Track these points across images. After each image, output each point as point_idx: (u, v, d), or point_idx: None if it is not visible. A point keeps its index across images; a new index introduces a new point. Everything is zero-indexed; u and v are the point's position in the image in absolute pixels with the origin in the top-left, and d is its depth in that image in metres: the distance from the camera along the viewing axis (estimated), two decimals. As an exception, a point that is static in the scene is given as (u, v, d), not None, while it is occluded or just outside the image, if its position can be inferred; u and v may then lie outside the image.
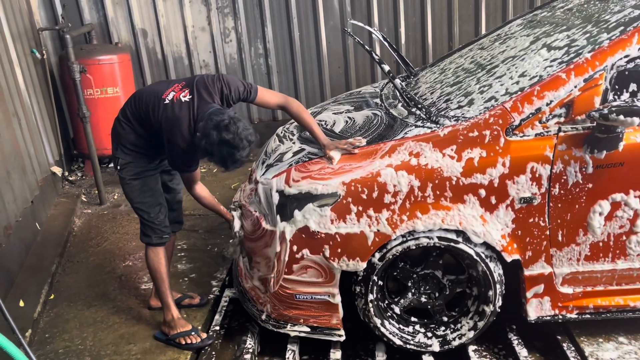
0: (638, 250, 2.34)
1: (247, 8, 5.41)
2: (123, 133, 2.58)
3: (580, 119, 2.23)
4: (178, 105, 2.42)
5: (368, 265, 2.38)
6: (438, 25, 5.44)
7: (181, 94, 2.45)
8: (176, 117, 2.40)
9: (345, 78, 5.60)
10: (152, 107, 2.47)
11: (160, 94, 2.49)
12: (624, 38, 2.24)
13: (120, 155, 2.61)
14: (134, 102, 2.57)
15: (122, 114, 2.61)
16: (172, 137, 2.40)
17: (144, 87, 2.70)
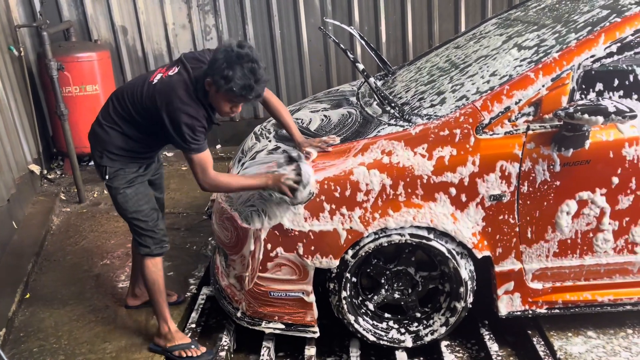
0: (605, 247, 2.39)
1: (228, 6, 5.40)
2: (108, 138, 2.39)
3: (548, 117, 2.27)
4: (168, 79, 2.26)
5: (341, 262, 2.40)
6: (418, 23, 5.48)
7: (169, 72, 2.30)
8: (170, 86, 2.22)
9: (327, 76, 5.61)
10: (140, 95, 2.30)
11: (146, 80, 2.33)
12: (590, 38, 2.28)
13: (107, 162, 2.42)
14: (118, 101, 2.40)
15: (103, 117, 2.43)
16: (169, 107, 2.19)
17: (123, 85, 2.53)
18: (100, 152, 2.43)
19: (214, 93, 2.20)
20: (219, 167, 5.30)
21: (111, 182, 2.46)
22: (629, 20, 2.26)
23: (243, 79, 2.10)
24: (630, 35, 2.24)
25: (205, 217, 4.18)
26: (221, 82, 2.11)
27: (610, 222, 2.35)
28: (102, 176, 2.47)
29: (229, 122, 5.71)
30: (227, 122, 5.72)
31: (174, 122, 2.19)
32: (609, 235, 2.37)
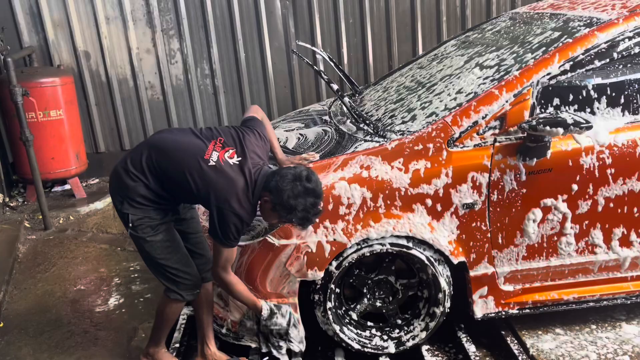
0: (568, 249, 2.58)
1: (193, 30, 5.48)
2: (132, 185, 2.25)
3: (513, 130, 2.46)
4: (228, 168, 2.20)
5: (325, 273, 2.50)
6: (378, 45, 5.70)
7: (225, 154, 2.24)
8: (230, 183, 2.18)
9: (292, 97, 5.75)
10: (191, 168, 2.19)
11: (200, 153, 2.22)
12: (546, 57, 2.50)
13: (129, 210, 2.27)
14: (156, 154, 2.25)
15: (133, 164, 2.27)
16: (225, 204, 2.16)
17: (164, 137, 2.33)
18: (121, 198, 2.28)
19: (269, 209, 2.23)
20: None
21: (135, 231, 2.30)
22: (580, 41, 2.49)
23: (303, 212, 2.16)
24: (581, 54, 2.46)
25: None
26: (282, 210, 2.17)
27: (572, 227, 2.54)
28: (125, 224, 2.31)
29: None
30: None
31: (224, 219, 2.18)
32: (571, 238, 2.56)
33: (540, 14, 3.09)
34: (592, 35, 2.49)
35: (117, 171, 2.32)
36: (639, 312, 2.80)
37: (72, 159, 5.05)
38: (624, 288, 2.65)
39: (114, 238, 4.31)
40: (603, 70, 2.50)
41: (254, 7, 5.46)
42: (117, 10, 5.36)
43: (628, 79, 2.50)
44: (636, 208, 2.52)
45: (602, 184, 2.47)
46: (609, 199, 2.49)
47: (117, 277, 3.66)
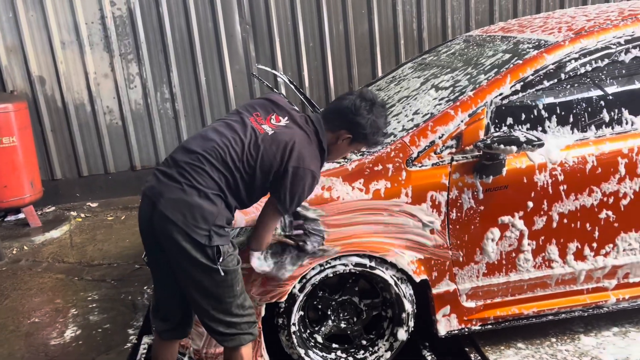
0: (526, 265, 2.63)
1: (152, 54, 5.44)
2: (216, 211, 2.01)
3: (469, 149, 2.51)
4: (284, 129, 2.11)
5: (289, 296, 2.47)
6: (338, 68, 5.78)
7: (271, 121, 2.14)
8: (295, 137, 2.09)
9: (253, 120, 5.74)
10: (260, 148, 2.05)
11: (254, 133, 2.08)
12: (498, 78, 2.58)
13: (219, 241, 2.02)
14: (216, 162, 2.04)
15: (206, 184, 2.01)
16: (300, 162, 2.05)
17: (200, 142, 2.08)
18: (206, 230, 1.99)
19: (345, 145, 2.21)
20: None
21: (226, 266, 2.04)
22: (529, 62, 2.59)
23: (384, 127, 2.23)
24: (531, 75, 2.56)
25: (137, 266, 4.09)
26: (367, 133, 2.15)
27: (529, 243, 2.60)
28: (212, 261, 2.01)
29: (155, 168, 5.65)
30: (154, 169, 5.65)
31: (299, 181, 2.06)
32: (528, 255, 2.62)
33: (492, 37, 3.20)
34: (541, 56, 2.59)
35: (186, 200, 1.99)
36: (596, 324, 2.87)
37: (26, 187, 4.89)
38: (580, 301, 2.72)
39: (71, 267, 4.18)
40: (552, 90, 2.59)
41: (214, 30, 5.48)
42: (73, 35, 5.29)
43: (576, 98, 2.60)
44: (588, 223, 2.59)
45: (556, 200, 2.54)
46: (562, 214, 2.57)
47: (74, 307, 3.54)
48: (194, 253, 2.00)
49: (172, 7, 5.37)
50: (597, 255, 2.64)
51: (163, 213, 1.98)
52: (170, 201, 1.99)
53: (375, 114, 2.17)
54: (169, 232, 1.99)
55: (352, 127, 2.16)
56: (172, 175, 2.04)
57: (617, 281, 2.71)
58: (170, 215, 1.98)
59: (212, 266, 2.01)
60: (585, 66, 2.58)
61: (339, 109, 2.19)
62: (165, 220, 1.99)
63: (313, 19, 5.61)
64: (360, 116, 2.14)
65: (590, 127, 2.59)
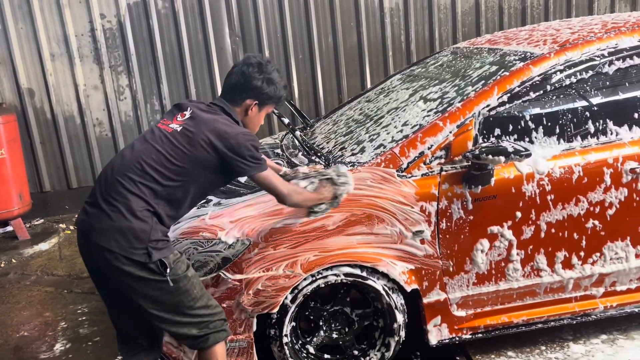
0: (515, 275, 2.66)
1: (142, 66, 5.46)
2: (147, 228, 2.03)
3: (458, 159, 2.55)
4: (191, 120, 2.12)
5: (281, 307, 2.48)
6: (327, 79, 5.83)
7: (177, 118, 2.16)
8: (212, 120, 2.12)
9: (243, 131, 5.75)
10: (172, 150, 2.07)
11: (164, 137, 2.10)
12: (486, 89, 2.62)
13: (159, 254, 2.03)
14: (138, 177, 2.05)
15: (136, 204, 2.02)
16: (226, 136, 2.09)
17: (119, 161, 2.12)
18: (143, 249, 2.01)
19: (255, 112, 2.27)
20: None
21: (176, 274, 2.06)
22: (516, 74, 2.63)
23: (282, 80, 2.28)
24: (518, 86, 2.60)
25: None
26: (268, 92, 2.22)
27: (517, 252, 2.62)
28: (161, 274, 2.03)
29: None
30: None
31: (239, 147, 2.09)
32: (517, 264, 2.64)
33: (479, 49, 3.26)
34: (527, 68, 2.64)
35: (116, 226, 2.01)
36: (584, 331, 2.90)
37: (14, 200, 4.86)
38: (569, 309, 2.75)
39: (60, 280, 4.15)
40: (539, 101, 2.64)
41: (204, 43, 5.51)
42: (63, 47, 5.29)
43: (562, 109, 2.65)
44: (575, 232, 2.63)
45: (544, 210, 2.58)
46: (550, 224, 2.60)
47: (64, 320, 3.51)
48: (139, 273, 2.03)
49: (162, 20, 5.40)
50: (585, 264, 2.68)
51: (98, 244, 2.03)
52: (101, 231, 2.03)
53: (266, 71, 2.22)
54: (108, 260, 2.02)
55: (252, 93, 2.23)
56: (97, 204, 2.07)
57: (604, 289, 2.75)
58: (105, 245, 2.01)
59: (161, 279, 2.04)
60: (570, 78, 2.64)
61: (232, 84, 2.25)
62: (101, 250, 2.02)
63: (302, 32, 5.66)
64: (254, 79, 2.20)
65: (576, 138, 2.64)
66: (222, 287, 2.44)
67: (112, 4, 5.28)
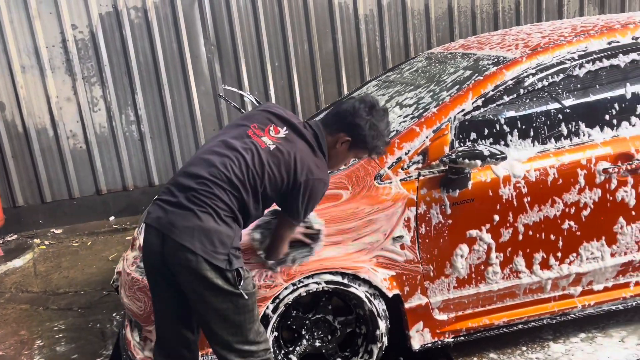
0: (495, 278, 2.68)
1: (115, 77, 5.39)
2: (233, 232, 1.99)
3: (435, 164, 2.56)
4: (286, 141, 2.08)
5: (262, 318, 2.45)
6: (304, 86, 5.83)
7: (270, 133, 2.09)
8: (297, 149, 2.06)
9: (221, 140, 5.72)
10: (266, 165, 2.01)
11: (256, 148, 2.03)
12: (461, 94, 2.65)
13: (237, 263, 1.99)
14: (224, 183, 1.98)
15: (219, 206, 1.96)
16: (309, 174, 2.04)
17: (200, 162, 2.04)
18: (225, 254, 1.95)
19: (343, 150, 2.18)
20: (114, 239, 5.14)
21: (246, 289, 2.01)
22: (489, 78, 2.67)
23: (386, 136, 2.20)
24: (491, 90, 2.63)
25: (105, 292, 4.00)
26: (368, 140, 2.13)
27: (497, 256, 2.65)
28: (233, 284, 1.97)
29: (122, 192, 5.58)
30: (120, 192, 5.59)
31: (312, 191, 2.06)
32: (497, 267, 2.66)
33: (453, 54, 3.29)
34: (500, 72, 2.68)
35: (204, 227, 1.93)
36: (564, 330, 2.94)
37: (-14, 215, 4.74)
38: (548, 309, 2.78)
39: (36, 297, 4.05)
40: (513, 105, 2.67)
41: (179, 52, 5.46)
42: (34, 59, 5.20)
43: (535, 112, 2.69)
44: (552, 233, 2.67)
45: (521, 212, 2.61)
46: (527, 225, 2.63)
47: (40, 338, 3.43)
48: (215, 280, 1.95)
49: (135, 30, 5.34)
50: (562, 264, 2.72)
51: (179, 243, 1.93)
52: (186, 229, 1.93)
53: (375, 117, 2.14)
54: (186, 262, 1.93)
55: (350, 129, 2.14)
56: (180, 203, 1.97)
57: (582, 288, 2.79)
58: (187, 244, 1.92)
59: (234, 291, 1.97)
60: (542, 81, 2.68)
61: (338, 112, 2.19)
62: (181, 250, 1.93)
63: (278, 39, 5.66)
64: (359, 117, 2.12)
65: (550, 140, 2.68)
66: (202, 299, 2.41)
67: (83, 14, 5.21)
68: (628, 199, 2.69)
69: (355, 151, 2.22)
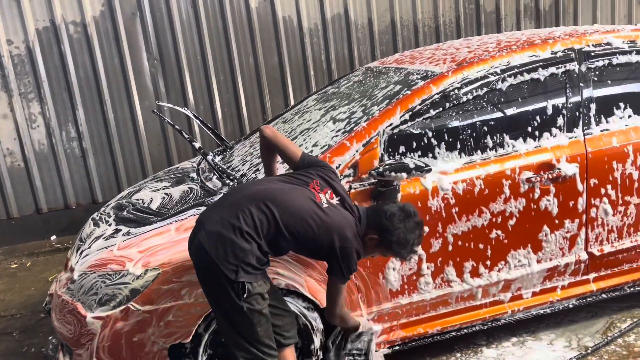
0: (427, 288, 2.74)
1: (55, 92, 5.26)
2: (248, 248, 2.08)
3: (365, 177, 2.61)
4: (337, 207, 2.24)
5: (194, 336, 2.43)
6: (251, 99, 5.83)
7: (326, 195, 2.25)
8: (345, 218, 2.22)
9: (167, 154, 5.66)
10: (311, 214, 2.16)
11: (312, 197, 2.21)
12: (389, 108, 2.71)
13: (245, 277, 2.08)
14: (272, 207, 2.13)
15: (246, 223, 2.10)
16: (348, 243, 2.19)
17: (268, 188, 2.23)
18: (235, 264, 2.07)
19: (373, 245, 2.30)
20: (56, 259, 4.99)
21: (250, 303, 2.10)
22: (417, 93, 2.74)
23: (414, 246, 2.31)
24: (419, 104, 2.71)
25: (43, 315, 3.88)
26: (395, 247, 2.26)
27: (428, 266, 2.71)
28: (237, 295, 2.09)
29: (63, 210, 5.44)
30: (62, 210, 5.44)
31: (348, 257, 2.20)
32: (429, 278, 2.73)
33: (387, 68, 3.37)
34: (427, 87, 2.76)
35: (222, 234, 2.09)
36: (497, 335, 3.02)
37: None
38: (480, 315, 2.86)
39: (-32, 323, 3.88)
40: (440, 118, 2.75)
41: (121, 67, 5.38)
42: (-33, 75, 5.03)
43: (461, 125, 2.78)
44: (481, 242, 2.75)
45: (449, 222, 2.69)
46: (456, 235, 2.71)
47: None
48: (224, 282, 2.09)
49: (74, 45, 5.23)
50: (492, 272, 2.80)
51: (200, 243, 2.11)
52: (209, 233, 2.11)
53: (408, 227, 2.26)
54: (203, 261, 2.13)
55: (381, 230, 2.26)
56: (218, 210, 2.19)
57: (511, 294, 2.88)
58: (205, 246, 2.10)
59: (236, 301, 2.08)
60: (467, 95, 2.77)
61: (378, 210, 2.32)
62: (201, 250, 2.12)
63: (223, 53, 5.65)
64: (391, 223, 2.24)
65: (476, 151, 2.77)
66: (131, 320, 2.37)
67: (19, 29, 5.07)
68: (551, 207, 2.80)
69: (381, 250, 2.34)
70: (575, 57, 2.92)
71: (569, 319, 3.12)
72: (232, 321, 2.15)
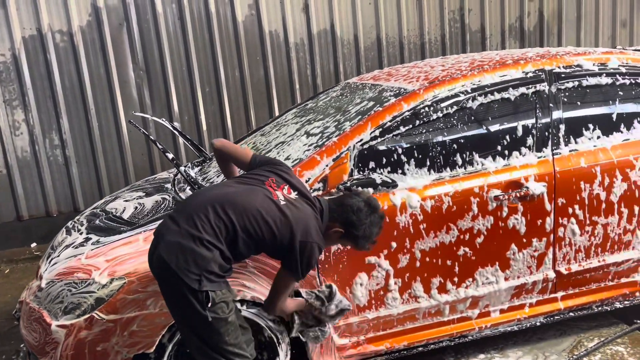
0: (394, 303, 2.76)
1: (39, 100, 5.28)
2: (210, 256, 2.07)
3: (334, 191, 2.64)
4: (296, 202, 2.25)
5: (158, 346, 2.43)
6: (236, 111, 5.87)
7: (283, 190, 2.27)
8: (305, 213, 2.23)
9: (150, 164, 5.67)
10: (269, 212, 2.16)
11: (269, 195, 2.21)
12: (361, 124, 2.75)
13: (208, 286, 2.07)
14: (229, 211, 2.13)
15: (205, 230, 2.09)
16: (308, 237, 2.19)
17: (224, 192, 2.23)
18: (197, 274, 2.06)
19: (335, 237, 2.33)
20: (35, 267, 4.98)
21: (215, 312, 2.09)
22: (388, 109, 2.78)
23: (375, 236, 2.36)
24: (389, 121, 2.75)
25: (16, 322, 3.85)
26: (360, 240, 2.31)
27: (395, 282, 2.73)
28: (202, 305, 2.07)
29: (44, 217, 5.43)
30: (43, 218, 5.43)
31: (307, 253, 2.20)
32: (396, 293, 2.75)
33: (364, 85, 3.41)
34: (398, 104, 2.80)
35: (181, 244, 2.07)
36: (465, 352, 3.04)
37: None
38: (447, 331, 2.87)
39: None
40: (410, 135, 2.79)
41: (106, 77, 5.41)
42: (-48, 81, 5.04)
43: (431, 142, 2.81)
44: (448, 258, 2.78)
45: (417, 238, 2.71)
46: (424, 251, 2.73)
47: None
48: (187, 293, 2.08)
49: (60, 54, 5.26)
50: (459, 288, 2.83)
51: (160, 255, 2.10)
52: (168, 244, 2.09)
53: (373, 221, 2.32)
54: (164, 273, 2.11)
55: (347, 224, 2.30)
56: (176, 219, 2.15)
57: (479, 311, 2.90)
58: (165, 258, 2.08)
59: (201, 311, 2.07)
60: (438, 112, 2.81)
61: (342, 203, 2.34)
62: (161, 261, 2.09)
63: (208, 65, 5.70)
64: (358, 218, 2.29)
65: (445, 169, 2.80)
66: (95, 329, 2.38)
67: (6, 37, 5.10)
68: (519, 225, 2.84)
69: (343, 242, 2.41)
70: (546, 78, 2.97)
71: (538, 337, 3.14)
72: (198, 332, 2.14)
